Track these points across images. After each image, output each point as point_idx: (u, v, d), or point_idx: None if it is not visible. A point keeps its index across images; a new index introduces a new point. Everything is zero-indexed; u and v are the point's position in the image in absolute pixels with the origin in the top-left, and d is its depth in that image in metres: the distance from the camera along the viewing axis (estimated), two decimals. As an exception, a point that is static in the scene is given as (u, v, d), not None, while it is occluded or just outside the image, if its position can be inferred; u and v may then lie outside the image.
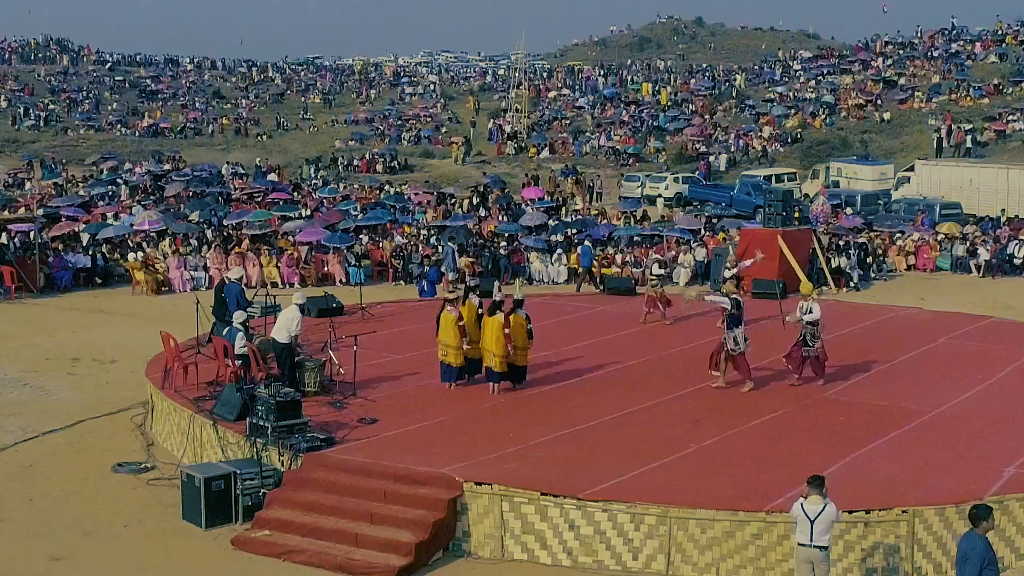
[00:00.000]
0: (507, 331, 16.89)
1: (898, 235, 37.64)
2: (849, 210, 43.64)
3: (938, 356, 20.48)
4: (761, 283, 26.76)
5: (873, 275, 33.09)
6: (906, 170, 49.54)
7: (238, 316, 17.15)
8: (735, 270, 20.83)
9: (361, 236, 34.89)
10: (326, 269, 31.91)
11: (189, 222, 36.86)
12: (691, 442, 14.77)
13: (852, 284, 31.16)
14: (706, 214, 42.89)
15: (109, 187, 48.22)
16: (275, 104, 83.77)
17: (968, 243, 35.76)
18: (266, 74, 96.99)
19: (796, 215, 30.73)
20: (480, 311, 17.65)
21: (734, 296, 17.72)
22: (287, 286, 29.85)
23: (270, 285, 29.77)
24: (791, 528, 11.48)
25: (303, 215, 38.89)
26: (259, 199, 44.01)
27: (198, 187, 47.34)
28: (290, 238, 33.94)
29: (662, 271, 24.11)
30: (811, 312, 17.63)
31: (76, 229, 34.44)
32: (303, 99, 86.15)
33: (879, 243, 35.85)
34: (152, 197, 44.65)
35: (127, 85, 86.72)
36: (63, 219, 36.58)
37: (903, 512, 12.31)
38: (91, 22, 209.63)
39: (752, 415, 16.18)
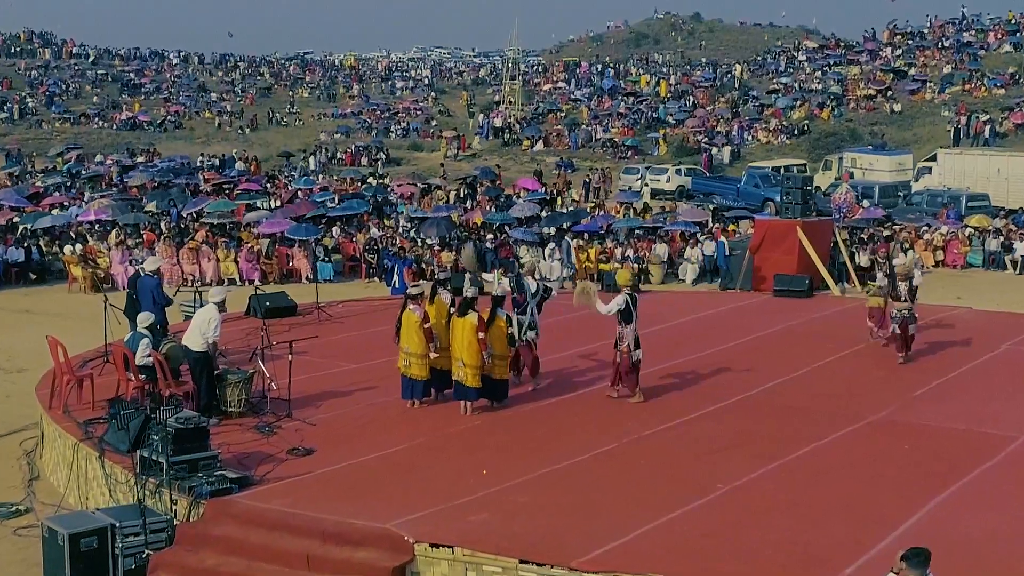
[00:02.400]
0: (482, 336, 13.51)
1: (924, 229, 34.51)
2: (867, 202, 40.47)
3: (1006, 365, 17.00)
4: (783, 279, 23.51)
5: (900, 271, 29.99)
6: (927, 160, 46.34)
7: (143, 319, 13.68)
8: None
9: (333, 229, 31.55)
10: (291, 264, 28.63)
11: (144, 212, 33.48)
12: (718, 481, 11.30)
13: (878, 282, 28.14)
14: (712, 205, 40.00)
15: (72, 179, 45.04)
16: (262, 98, 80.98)
17: (1003, 237, 32.64)
18: (254, 68, 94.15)
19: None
20: (452, 311, 14.27)
21: (517, 277, 15.11)
22: (247, 283, 26.82)
23: (227, 281, 26.81)
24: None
25: (270, 206, 35.50)
26: (228, 190, 40.78)
27: (165, 178, 44.10)
28: (252, 230, 30.61)
29: (879, 272, 19.23)
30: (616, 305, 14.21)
31: (14, 220, 31.07)
32: (291, 94, 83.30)
33: (905, 237, 32.68)
34: (115, 187, 41.56)
35: (109, 79, 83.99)
36: (6, 208, 33.34)
37: (1020, 589, 8.97)
38: (87, 19, 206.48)
39: (792, 444, 12.67)
